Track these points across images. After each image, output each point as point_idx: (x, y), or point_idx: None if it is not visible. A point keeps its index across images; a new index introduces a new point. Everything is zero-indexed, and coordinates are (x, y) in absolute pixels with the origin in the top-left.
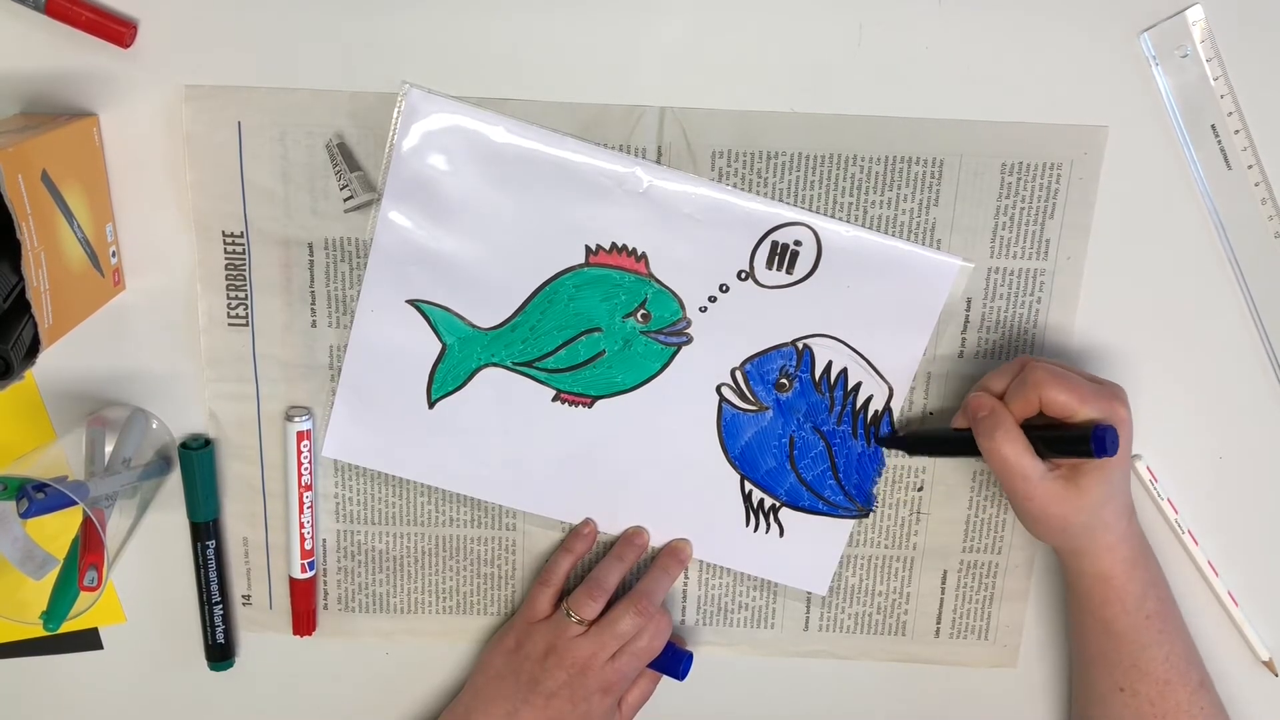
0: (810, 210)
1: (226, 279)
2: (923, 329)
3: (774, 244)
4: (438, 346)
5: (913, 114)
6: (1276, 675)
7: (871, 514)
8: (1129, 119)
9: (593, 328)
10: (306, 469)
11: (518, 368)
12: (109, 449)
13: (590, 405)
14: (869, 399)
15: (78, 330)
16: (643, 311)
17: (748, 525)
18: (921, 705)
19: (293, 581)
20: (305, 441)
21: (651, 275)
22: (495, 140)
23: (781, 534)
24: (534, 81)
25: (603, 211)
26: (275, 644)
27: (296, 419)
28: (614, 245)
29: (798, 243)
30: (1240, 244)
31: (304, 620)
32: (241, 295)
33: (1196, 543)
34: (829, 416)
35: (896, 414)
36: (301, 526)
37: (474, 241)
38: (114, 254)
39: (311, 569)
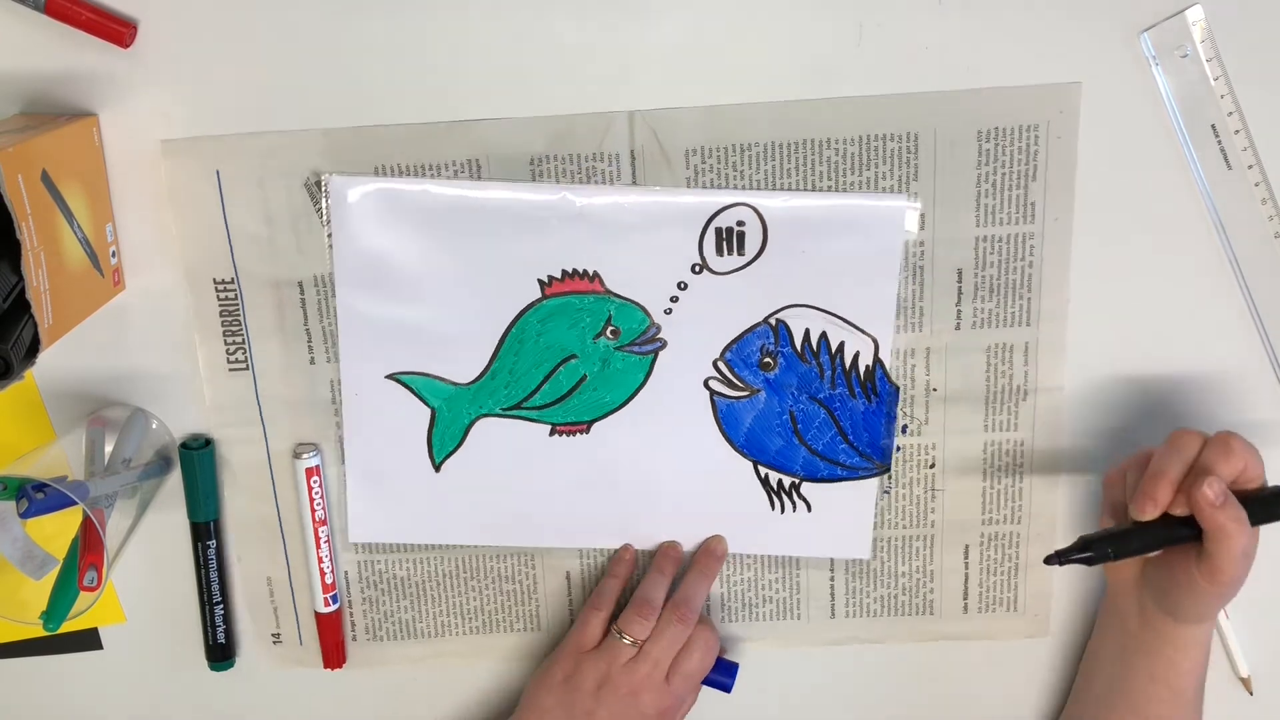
0: (749, 189)
1: (222, 325)
2: (888, 274)
3: (718, 230)
4: (427, 412)
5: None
6: (1251, 694)
7: (891, 469)
8: (1129, 119)
9: (568, 356)
10: (319, 504)
11: (508, 413)
12: (109, 449)
13: (587, 431)
14: (856, 355)
15: (78, 330)
16: (611, 328)
17: (773, 509)
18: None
19: (318, 616)
20: (315, 477)
21: (609, 291)
22: (423, 202)
23: (809, 509)
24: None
25: (545, 242)
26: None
27: (304, 455)
28: (564, 272)
29: (740, 223)
30: (1240, 244)
31: (333, 653)
32: (239, 340)
33: None
34: (822, 383)
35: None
36: (320, 561)
37: (431, 304)
38: (114, 254)
39: (335, 602)
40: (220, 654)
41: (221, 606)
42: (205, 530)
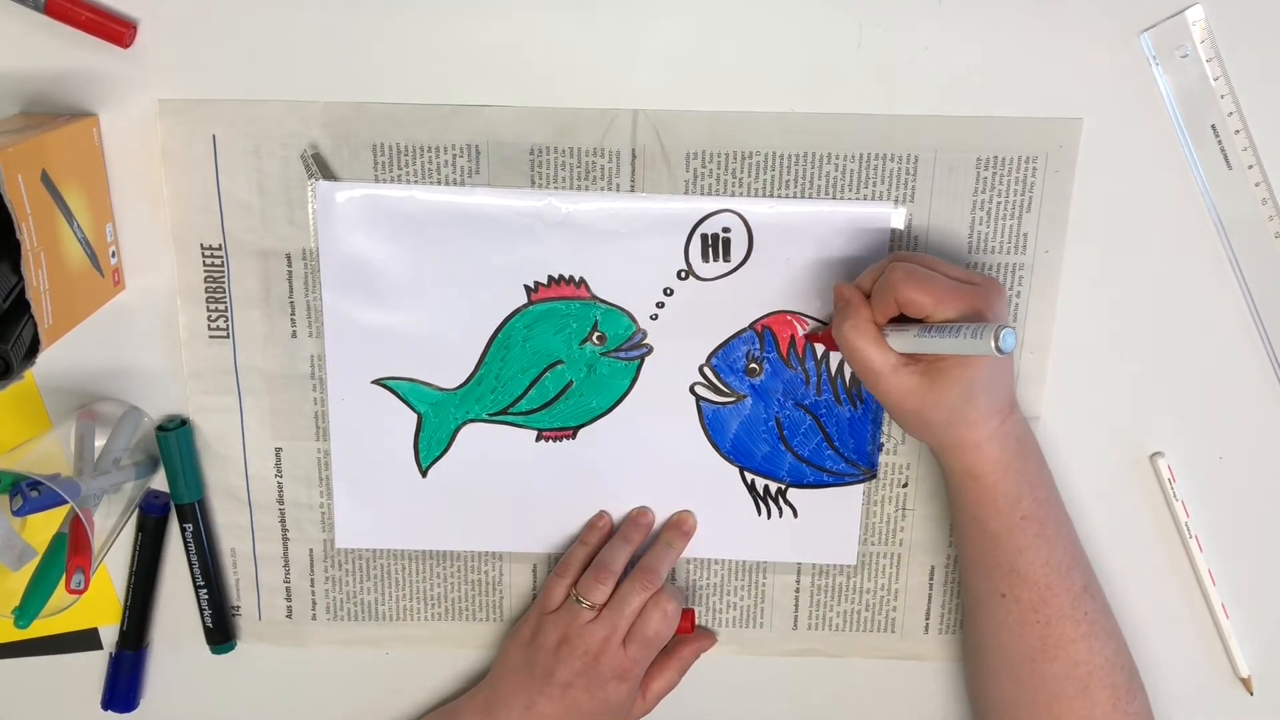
0: (747, 197)
1: (206, 292)
2: None
3: (704, 236)
4: (414, 417)
5: (897, 112)
6: (1251, 694)
7: (877, 474)
8: (1129, 119)
9: (554, 361)
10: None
11: (494, 418)
12: (99, 444)
13: (574, 436)
14: (841, 362)
15: (77, 327)
16: (597, 334)
17: (760, 514)
18: (914, 701)
19: None
20: None
21: (595, 297)
22: (409, 208)
23: (796, 515)
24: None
25: (531, 248)
26: (270, 650)
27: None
28: (550, 278)
29: (726, 229)
30: (1240, 244)
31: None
32: (221, 307)
33: (1201, 549)
34: (808, 389)
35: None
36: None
37: (418, 309)
38: (114, 254)
39: None
40: (216, 638)
41: (206, 591)
42: (184, 512)
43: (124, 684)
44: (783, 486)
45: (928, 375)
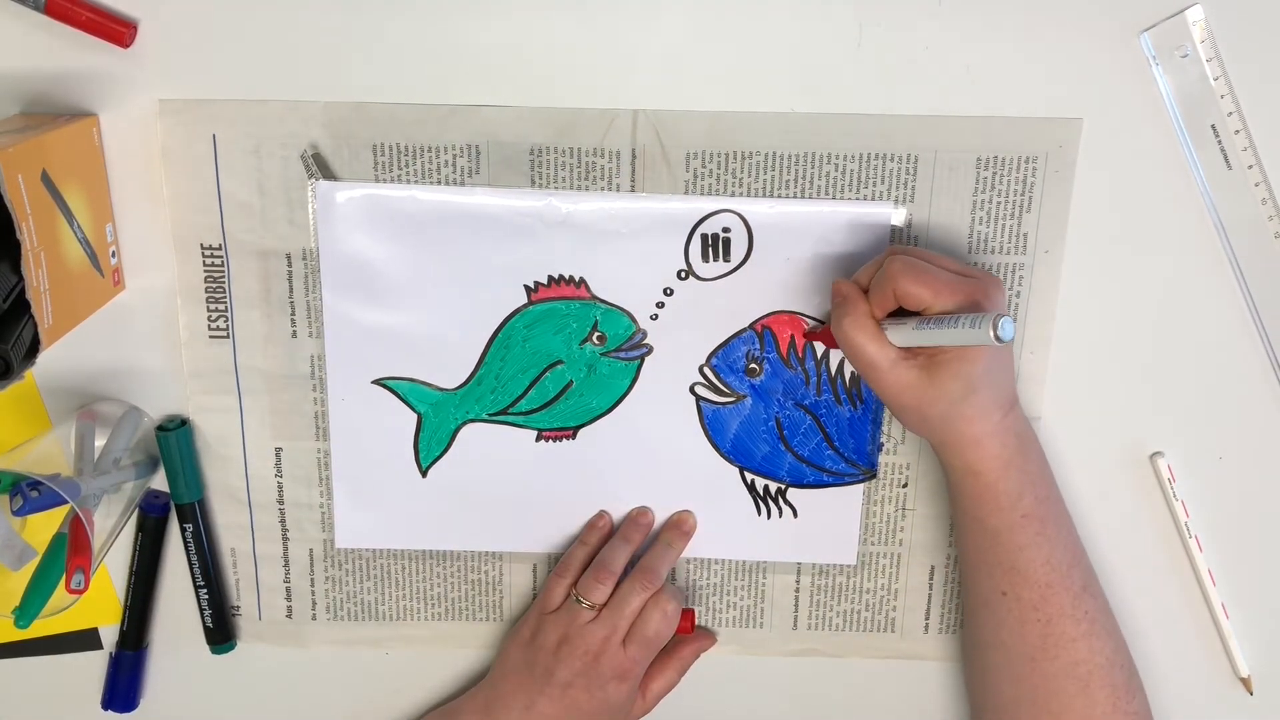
0: (746, 197)
1: (206, 292)
2: None
3: (704, 236)
4: (414, 417)
5: (897, 112)
6: (1251, 694)
7: (877, 474)
8: (1129, 119)
9: (554, 362)
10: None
11: (494, 418)
12: (98, 444)
13: (573, 436)
14: (841, 362)
15: (77, 327)
16: (597, 334)
17: (760, 514)
18: (914, 701)
19: None
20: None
21: (595, 297)
22: (410, 208)
23: (795, 515)
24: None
25: (531, 248)
26: (270, 650)
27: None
28: (550, 278)
29: (726, 229)
30: (1240, 244)
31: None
32: (221, 308)
33: (1201, 549)
34: (808, 390)
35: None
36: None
37: (418, 309)
38: (114, 254)
39: None
40: (216, 638)
41: (206, 591)
42: (184, 512)
43: (124, 684)
44: (782, 486)
45: (926, 369)
